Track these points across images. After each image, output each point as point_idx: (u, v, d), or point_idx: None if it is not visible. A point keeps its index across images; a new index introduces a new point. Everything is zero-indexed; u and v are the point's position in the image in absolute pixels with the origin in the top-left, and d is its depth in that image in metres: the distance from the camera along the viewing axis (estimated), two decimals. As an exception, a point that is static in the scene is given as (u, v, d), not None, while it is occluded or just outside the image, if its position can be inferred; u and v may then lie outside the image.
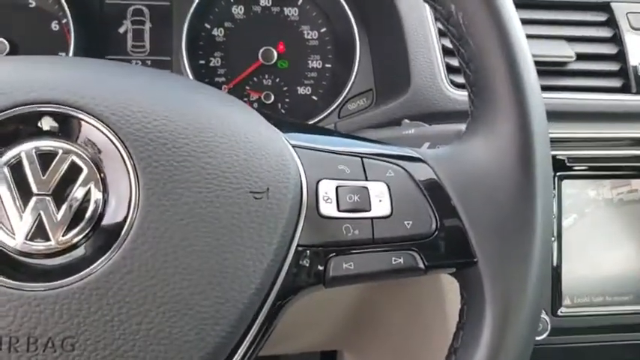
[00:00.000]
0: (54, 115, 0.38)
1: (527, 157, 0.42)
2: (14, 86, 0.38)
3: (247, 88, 0.85)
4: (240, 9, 0.85)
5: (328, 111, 0.79)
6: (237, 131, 0.41)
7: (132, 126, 0.38)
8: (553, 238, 0.71)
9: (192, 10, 0.80)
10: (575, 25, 0.77)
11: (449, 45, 0.72)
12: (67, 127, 0.38)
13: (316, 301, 0.49)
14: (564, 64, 0.74)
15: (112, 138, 0.38)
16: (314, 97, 0.86)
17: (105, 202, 0.38)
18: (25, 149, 0.37)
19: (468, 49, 0.44)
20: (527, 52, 0.43)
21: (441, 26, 0.71)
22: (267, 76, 0.85)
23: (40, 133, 0.38)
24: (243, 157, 0.40)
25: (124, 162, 0.38)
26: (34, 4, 0.81)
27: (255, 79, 0.85)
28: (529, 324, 0.42)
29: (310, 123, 0.78)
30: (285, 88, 0.86)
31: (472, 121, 0.46)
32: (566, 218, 0.72)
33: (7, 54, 0.78)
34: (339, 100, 0.79)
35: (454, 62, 0.72)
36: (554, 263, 0.72)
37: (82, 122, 0.38)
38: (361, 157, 0.44)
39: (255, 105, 0.85)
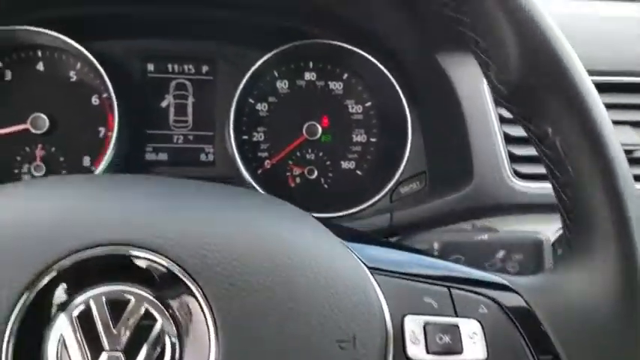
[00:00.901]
0: (124, 259, 0.35)
1: (633, 299, 0.39)
2: (69, 231, 0.35)
3: (290, 162, 0.83)
4: (285, 83, 0.83)
5: (381, 194, 0.75)
6: (318, 268, 0.37)
7: (210, 269, 0.35)
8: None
9: (242, 85, 0.77)
10: (638, 108, 0.74)
11: (510, 132, 0.69)
12: (142, 272, 0.35)
13: None
14: (630, 152, 0.70)
15: (189, 284, 0.34)
16: (358, 172, 0.83)
17: (181, 357, 0.34)
18: (93, 295, 0.34)
19: (566, 175, 0.41)
20: (631, 180, 0.40)
21: (504, 112, 0.68)
22: (310, 151, 0.83)
23: (109, 278, 0.35)
24: (326, 295, 0.36)
25: (202, 311, 0.34)
26: (74, 79, 0.79)
27: (298, 153, 0.83)
28: None
29: (362, 207, 0.74)
30: (328, 163, 0.83)
31: (568, 249, 0.42)
32: None
33: (47, 130, 0.76)
34: (392, 183, 0.75)
35: (516, 151, 0.68)
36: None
37: (157, 266, 0.35)
38: (448, 288, 0.40)
39: (298, 180, 0.83)
